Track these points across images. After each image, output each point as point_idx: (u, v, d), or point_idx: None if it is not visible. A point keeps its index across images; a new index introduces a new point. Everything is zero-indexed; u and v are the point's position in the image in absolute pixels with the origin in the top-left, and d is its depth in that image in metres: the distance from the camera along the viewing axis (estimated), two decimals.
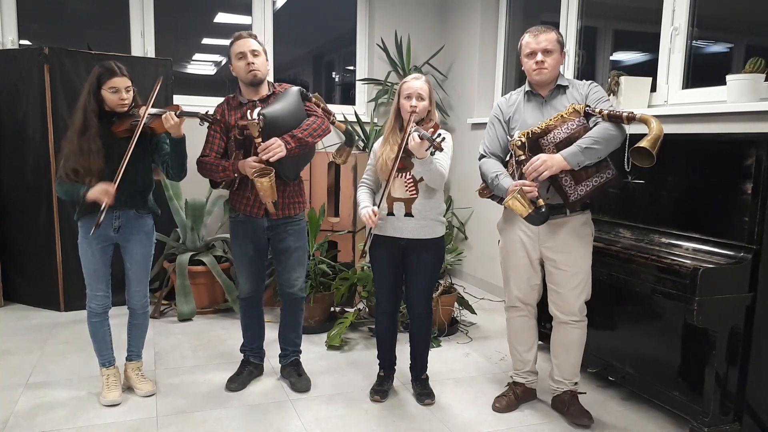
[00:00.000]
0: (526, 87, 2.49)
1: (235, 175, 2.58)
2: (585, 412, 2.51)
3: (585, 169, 2.29)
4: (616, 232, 2.77)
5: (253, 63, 2.59)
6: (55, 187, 2.52)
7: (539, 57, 2.36)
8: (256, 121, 2.46)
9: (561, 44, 2.41)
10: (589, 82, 2.45)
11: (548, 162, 2.25)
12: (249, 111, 2.52)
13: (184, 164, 2.62)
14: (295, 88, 2.69)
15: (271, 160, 2.49)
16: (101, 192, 2.38)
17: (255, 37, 2.66)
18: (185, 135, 2.54)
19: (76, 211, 2.55)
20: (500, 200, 2.50)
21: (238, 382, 2.81)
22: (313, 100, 2.74)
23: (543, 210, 2.28)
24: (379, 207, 2.47)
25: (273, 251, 2.79)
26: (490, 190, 2.53)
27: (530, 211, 2.26)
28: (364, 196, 2.62)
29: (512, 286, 2.58)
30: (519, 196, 2.25)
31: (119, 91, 2.47)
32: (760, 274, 2.21)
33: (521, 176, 2.35)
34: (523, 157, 2.34)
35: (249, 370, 2.89)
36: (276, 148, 2.48)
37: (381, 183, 2.61)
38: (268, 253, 2.83)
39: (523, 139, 2.34)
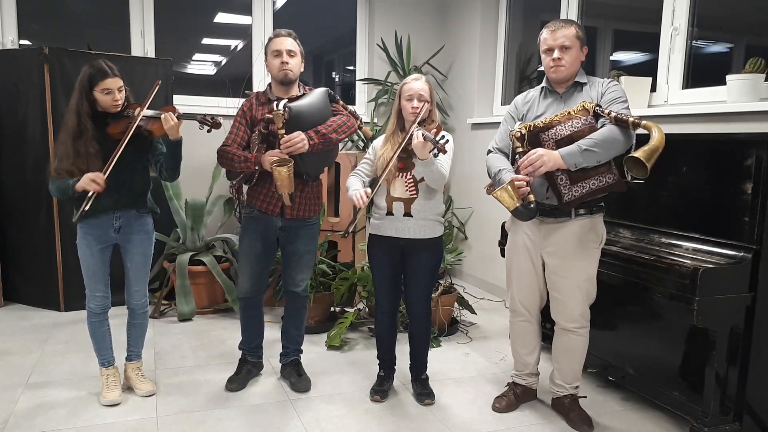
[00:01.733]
0: (544, 83, 2.44)
1: (256, 167, 2.57)
2: (585, 418, 2.50)
3: (583, 170, 2.21)
4: (616, 232, 2.76)
5: (287, 63, 2.60)
6: (51, 186, 2.49)
7: (556, 54, 2.29)
8: (281, 112, 2.45)
9: (581, 39, 2.30)
10: (609, 80, 2.37)
11: (545, 157, 2.19)
12: (275, 103, 2.52)
13: (179, 167, 2.61)
14: (323, 89, 2.70)
15: (292, 154, 2.48)
16: (89, 180, 2.36)
17: (295, 38, 2.66)
18: (182, 138, 2.52)
19: (76, 214, 2.53)
20: None
21: (237, 382, 2.81)
22: (341, 102, 2.74)
23: (532, 206, 2.23)
24: (374, 190, 2.43)
25: (282, 252, 2.78)
26: (495, 187, 2.51)
27: (517, 204, 2.22)
28: (354, 182, 2.56)
29: (514, 289, 2.57)
30: (509, 188, 2.21)
31: (112, 92, 2.44)
32: (760, 274, 2.21)
33: (517, 169, 2.29)
34: (520, 149, 2.28)
35: (247, 369, 2.88)
36: (298, 142, 2.47)
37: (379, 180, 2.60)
38: (275, 255, 2.82)
39: (523, 131, 2.28)
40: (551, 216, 2.37)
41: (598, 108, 2.25)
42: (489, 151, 2.54)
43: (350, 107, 2.78)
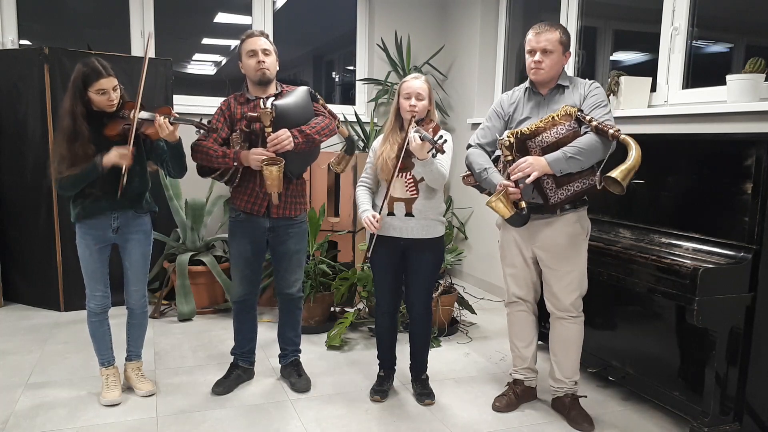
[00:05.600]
0: (528, 84, 2.48)
1: (235, 164, 2.55)
2: (586, 416, 2.51)
3: (568, 175, 2.30)
4: (616, 232, 2.77)
5: (263, 61, 2.59)
6: (61, 185, 2.44)
7: (537, 56, 2.35)
8: (269, 110, 2.45)
9: (564, 44, 2.35)
10: (591, 82, 2.41)
11: (534, 164, 2.25)
12: (262, 101, 2.52)
13: (184, 163, 2.60)
14: (305, 88, 2.69)
15: (279, 151, 2.48)
16: (118, 156, 2.38)
17: (267, 37, 2.65)
18: (181, 137, 2.52)
19: (74, 214, 2.53)
20: (483, 190, 2.54)
21: (224, 386, 2.78)
22: (321, 101, 2.74)
23: (524, 212, 2.29)
24: (381, 211, 2.48)
25: (272, 253, 2.77)
26: (474, 179, 2.54)
27: (512, 213, 2.28)
28: (363, 197, 2.61)
29: (510, 283, 2.61)
30: (503, 197, 2.27)
31: (107, 92, 2.41)
32: (760, 274, 2.21)
33: (508, 177, 2.34)
34: (510, 158, 2.33)
35: (237, 374, 2.85)
36: (285, 139, 2.47)
37: (381, 182, 2.61)
38: (266, 257, 2.82)
39: (512, 140, 2.34)
40: (537, 213, 2.41)
41: (580, 114, 2.30)
42: (469, 145, 2.56)
43: (329, 106, 2.76)
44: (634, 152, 2.16)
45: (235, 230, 2.72)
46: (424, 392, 2.73)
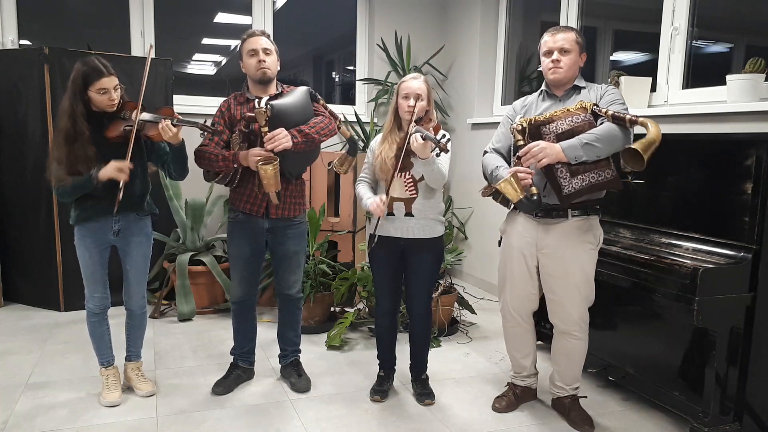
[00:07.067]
0: (543, 86, 2.47)
1: (235, 165, 2.55)
2: (586, 417, 2.50)
3: (583, 164, 2.23)
4: (616, 232, 2.76)
5: (264, 61, 2.59)
6: (58, 192, 2.43)
7: (555, 56, 2.33)
8: (264, 109, 2.44)
9: (580, 45, 2.35)
10: (607, 84, 2.41)
11: (547, 149, 2.20)
12: (257, 100, 2.51)
13: (186, 165, 2.60)
14: (304, 88, 2.68)
15: (276, 150, 2.47)
16: (116, 170, 2.35)
17: (268, 36, 2.65)
18: (184, 139, 2.51)
19: (73, 216, 2.51)
20: (499, 197, 2.49)
21: (224, 386, 2.78)
22: (321, 101, 2.74)
23: (535, 197, 2.25)
24: (387, 198, 2.47)
25: (271, 254, 2.77)
26: (491, 188, 2.50)
27: (521, 197, 2.23)
28: (364, 190, 2.60)
29: (507, 293, 2.56)
30: (512, 180, 2.23)
31: (108, 92, 2.39)
32: (760, 274, 2.21)
33: (519, 162, 2.30)
34: (521, 143, 2.29)
35: (237, 374, 2.85)
36: (282, 138, 2.46)
37: (379, 182, 2.61)
38: (264, 257, 2.81)
39: (525, 124, 2.29)
40: (548, 216, 2.38)
41: (595, 107, 2.27)
42: (485, 152, 2.56)
43: (330, 107, 2.75)
44: (653, 128, 2.11)
45: (234, 231, 2.72)
46: (424, 392, 2.73)
